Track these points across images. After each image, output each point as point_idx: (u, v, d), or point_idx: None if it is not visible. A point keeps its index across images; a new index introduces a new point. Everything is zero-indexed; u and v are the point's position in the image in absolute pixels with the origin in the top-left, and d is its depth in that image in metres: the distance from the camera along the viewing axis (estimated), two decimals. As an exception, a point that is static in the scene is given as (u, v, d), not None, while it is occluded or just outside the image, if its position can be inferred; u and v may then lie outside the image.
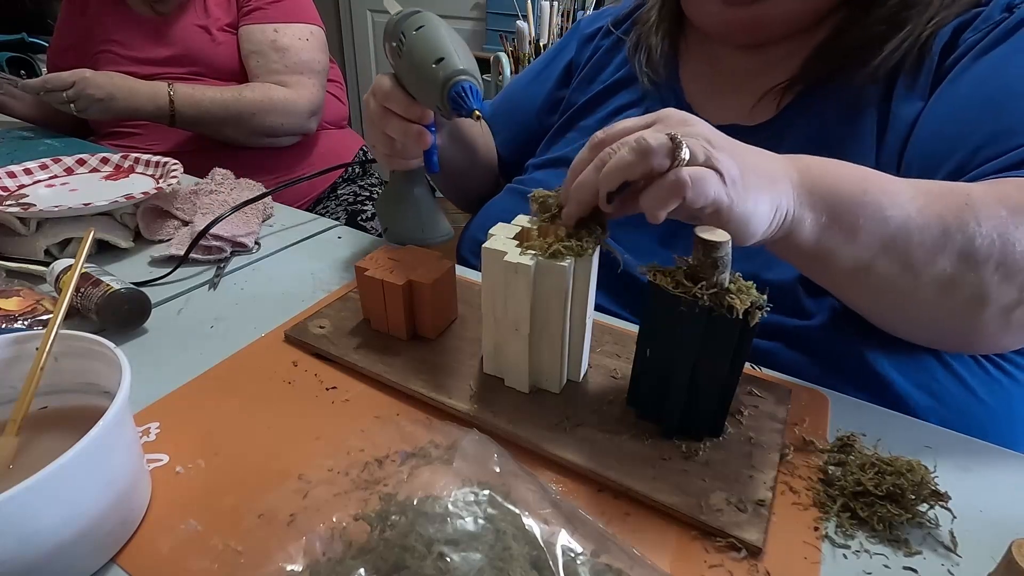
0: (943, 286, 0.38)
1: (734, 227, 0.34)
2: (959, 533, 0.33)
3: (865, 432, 0.40)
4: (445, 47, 0.44)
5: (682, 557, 0.32)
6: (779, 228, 0.37)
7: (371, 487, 0.32)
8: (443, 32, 0.46)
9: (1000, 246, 0.37)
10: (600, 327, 0.49)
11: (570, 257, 0.37)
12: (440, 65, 0.44)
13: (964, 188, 0.39)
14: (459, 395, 0.42)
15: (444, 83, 0.43)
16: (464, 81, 0.43)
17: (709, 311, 0.33)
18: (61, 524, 0.28)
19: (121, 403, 0.30)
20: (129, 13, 1.11)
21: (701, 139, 0.34)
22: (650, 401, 0.39)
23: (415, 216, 0.58)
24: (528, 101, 0.75)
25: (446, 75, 0.43)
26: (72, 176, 0.76)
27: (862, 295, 0.42)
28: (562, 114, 0.70)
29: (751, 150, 0.37)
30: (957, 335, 0.42)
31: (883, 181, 0.38)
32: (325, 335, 0.48)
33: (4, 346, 0.35)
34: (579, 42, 0.73)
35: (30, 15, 1.81)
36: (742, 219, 0.34)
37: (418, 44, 0.46)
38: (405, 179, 0.58)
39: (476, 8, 2.66)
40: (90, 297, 0.48)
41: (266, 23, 1.10)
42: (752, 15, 0.52)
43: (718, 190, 0.33)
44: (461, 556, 0.26)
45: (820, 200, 0.37)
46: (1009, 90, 0.44)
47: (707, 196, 0.32)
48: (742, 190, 0.34)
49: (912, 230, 0.37)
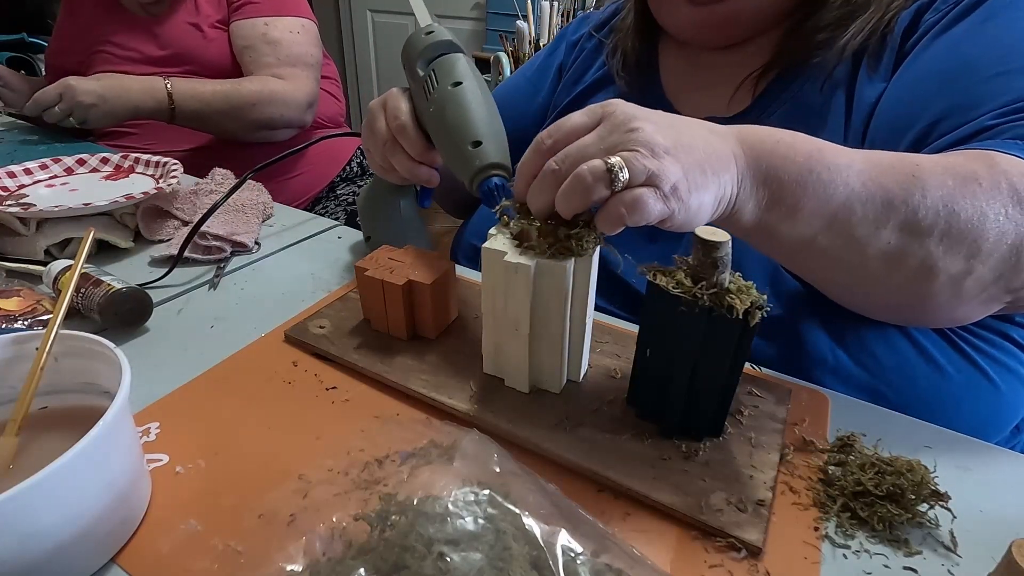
0: (889, 258, 0.38)
1: (678, 228, 0.35)
2: (959, 533, 0.33)
3: (865, 432, 0.40)
4: (483, 128, 0.43)
5: (682, 557, 0.32)
6: (723, 213, 0.37)
7: (371, 487, 0.32)
8: (480, 99, 0.45)
9: (945, 216, 0.37)
10: (600, 327, 0.49)
11: (570, 257, 0.37)
12: (476, 151, 0.42)
13: (914, 159, 0.39)
14: (459, 395, 0.42)
15: (478, 171, 0.42)
16: (498, 178, 0.42)
17: (709, 311, 0.33)
18: (61, 524, 0.28)
19: (121, 403, 0.30)
20: (124, 14, 1.11)
21: (643, 148, 0.33)
22: (650, 401, 0.39)
23: (398, 228, 0.58)
24: (521, 107, 0.76)
25: (482, 165, 0.42)
26: (72, 176, 0.77)
27: (811, 269, 0.43)
28: (549, 115, 0.71)
29: (698, 130, 0.37)
30: (912, 308, 0.42)
31: (832, 154, 0.38)
32: (325, 335, 0.48)
33: (4, 346, 0.35)
34: (566, 47, 0.75)
35: (30, 15, 1.81)
36: (685, 223, 0.35)
37: (452, 107, 0.44)
38: (392, 189, 0.58)
39: (476, 8, 2.66)
40: (91, 297, 0.48)
41: (256, 17, 1.09)
42: (720, 13, 0.52)
43: (658, 209, 0.33)
44: (461, 556, 0.26)
45: (763, 180, 0.37)
46: (965, 66, 0.44)
47: (648, 217, 0.33)
48: (685, 195, 0.34)
49: (855, 204, 0.37)
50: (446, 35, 0.48)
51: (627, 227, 0.34)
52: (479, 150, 0.42)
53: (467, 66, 0.47)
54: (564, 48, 0.75)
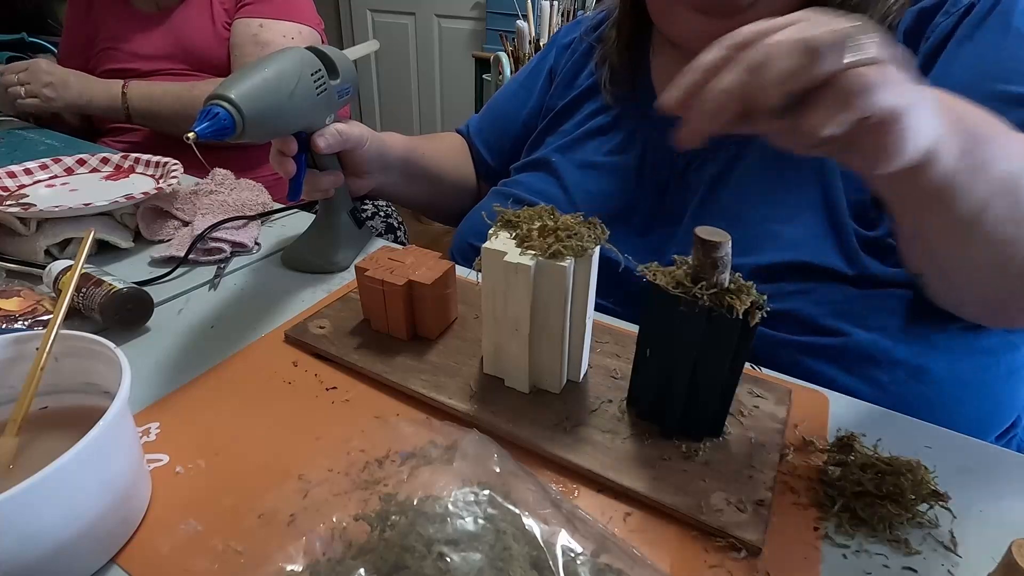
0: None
1: (894, 141, 0.28)
2: (959, 533, 0.33)
3: (865, 432, 0.40)
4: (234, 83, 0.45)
5: (682, 557, 0.32)
6: (925, 152, 0.31)
7: (371, 487, 0.32)
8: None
9: None
10: (600, 327, 0.49)
11: (570, 257, 0.37)
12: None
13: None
14: (459, 395, 0.42)
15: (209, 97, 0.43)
16: (212, 106, 0.43)
17: (709, 311, 0.33)
18: (61, 524, 0.28)
19: (121, 403, 0.30)
20: (131, 9, 1.11)
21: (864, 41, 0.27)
22: (650, 401, 0.39)
23: (316, 245, 0.61)
24: (513, 111, 0.77)
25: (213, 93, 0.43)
26: (72, 176, 0.76)
27: (961, 248, 0.39)
28: (543, 118, 0.72)
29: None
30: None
31: (1002, 125, 0.36)
32: (325, 335, 0.48)
33: (4, 346, 0.35)
34: (558, 50, 0.75)
35: (30, 15, 1.81)
36: (908, 132, 0.28)
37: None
38: (324, 206, 0.61)
39: (476, 8, 2.65)
40: (93, 297, 0.48)
41: (254, 17, 1.09)
42: (729, 28, 0.51)
43: (899, 92, 0.27)
44: (461, 556, 0.26)
45: (957, 127, 0.33)
46: (1009, 75, 0.43)
47: (887, 100, 0.27)
48: (917, 98, 0.28)
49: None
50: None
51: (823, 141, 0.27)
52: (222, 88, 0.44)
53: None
54: (555, 51, 0.76)
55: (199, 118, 0.42)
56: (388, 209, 1.23)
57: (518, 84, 0.78)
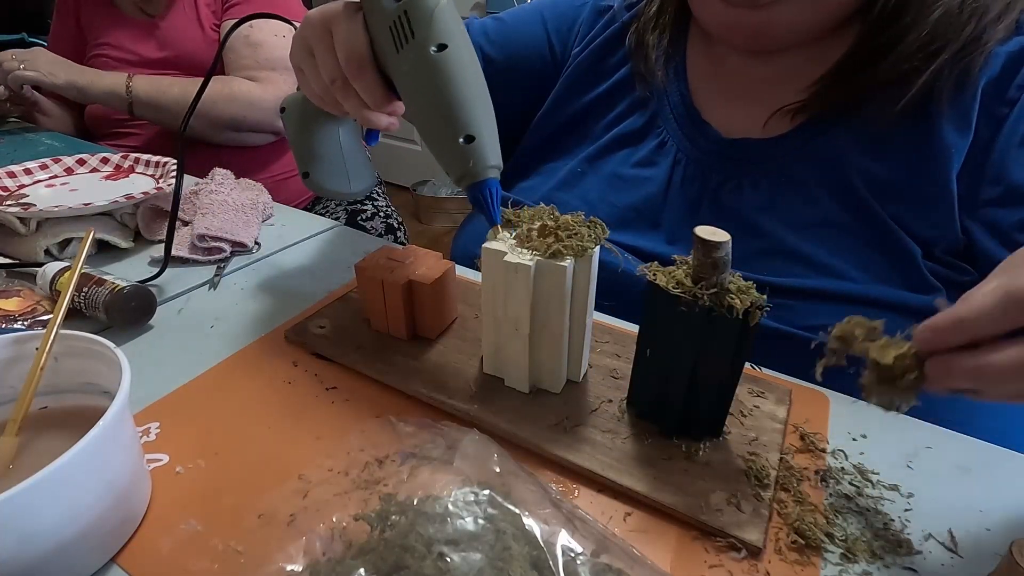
0: None
1: None
2: (959, 533, 0.33)
3: (865, 433, 0.40)
4: (479, 118, 0.36)
5: (682, 557, 0.32)
6: None
7: (371, 487, 0.32)
8: (472, 74, 0.36)
9: None
10: (600, 327, 0.49)
11: (570, 257, 0.37)
12: (470, 147, 0.35)
13: None
14: (459, 395, 0.42)
15: (469, 172, 0.36)
16: (493, 180, 0.36)
17: (709, 311, 0.33)
18: (61, 524, 0.28)
19: (121, 403, 0.30)
20: (120, 15, 1.11)
21: None
22: (650, 401, 0.39)
23: (338, 163, 0.51)
24: (526, 40, 0.67)
25: (476, 167, 0.36)
26: (72, 176, 0.76)
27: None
28: (554, 111, 0.66)
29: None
30: None
31: None
32: (325, 335, 0.48)
33: (4, 346, 0.35)
34: (592, 10, 0.67)
35: (30, 15, 1.82)
36: None
37: (438, 82, 0.35)
38: (329, 118, 0.49)
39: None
40: (95, 296, 0.48)
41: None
42: (756, 20, 0.50)
43: None
44: (461, 556, 0.26)
45: None
46: None
47: None
48: None
49: None
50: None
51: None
52: (473, 146, 0.35)
53: (453, 19, 0.36)
54: (590, 8, 0.67)
55: (491, 203, 0.36)
56: (388, 209, 1.23)
57: (539, 14, 0.68)
